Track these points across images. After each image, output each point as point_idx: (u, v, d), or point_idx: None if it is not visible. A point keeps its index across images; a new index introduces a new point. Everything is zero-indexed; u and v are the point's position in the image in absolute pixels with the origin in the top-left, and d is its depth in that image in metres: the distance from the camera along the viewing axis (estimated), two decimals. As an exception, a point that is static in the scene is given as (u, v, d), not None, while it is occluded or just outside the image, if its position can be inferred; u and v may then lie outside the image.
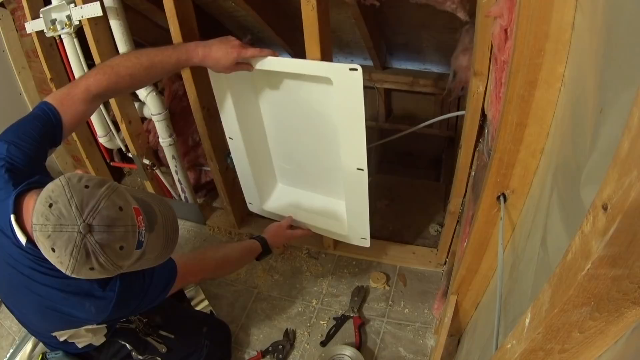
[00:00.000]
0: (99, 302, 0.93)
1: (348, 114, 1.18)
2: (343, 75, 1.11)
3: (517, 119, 0.74)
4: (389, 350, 1.48)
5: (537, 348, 0.47)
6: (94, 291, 0.92)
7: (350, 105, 1.15)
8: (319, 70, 1.17)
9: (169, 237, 0.90)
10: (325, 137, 1.34)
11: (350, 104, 1.15)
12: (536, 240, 0.70)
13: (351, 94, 1.13)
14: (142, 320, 1.21)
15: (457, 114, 1.84)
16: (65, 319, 0.95)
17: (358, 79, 1.10)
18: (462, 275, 1.15)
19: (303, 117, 1.37)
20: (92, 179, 0.82)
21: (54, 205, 0.76)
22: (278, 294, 1.71)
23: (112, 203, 0.80)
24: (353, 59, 2.33)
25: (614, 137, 0.36)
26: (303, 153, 1.50)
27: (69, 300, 0.92)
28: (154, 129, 1.90)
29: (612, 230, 0.33)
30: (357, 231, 1.45)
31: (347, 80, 1.11)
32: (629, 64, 0.41)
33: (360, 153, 1.23)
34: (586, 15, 0.56)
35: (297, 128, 1.43)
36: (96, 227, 0.77)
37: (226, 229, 2.00)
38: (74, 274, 0.79)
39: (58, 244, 0.76)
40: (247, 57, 1.17)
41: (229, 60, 1.15)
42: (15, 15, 1.91)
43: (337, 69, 1.12)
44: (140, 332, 1.20)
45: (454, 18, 1.43)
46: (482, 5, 0.93)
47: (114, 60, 1.11)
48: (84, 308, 0.93)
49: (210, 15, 2.16)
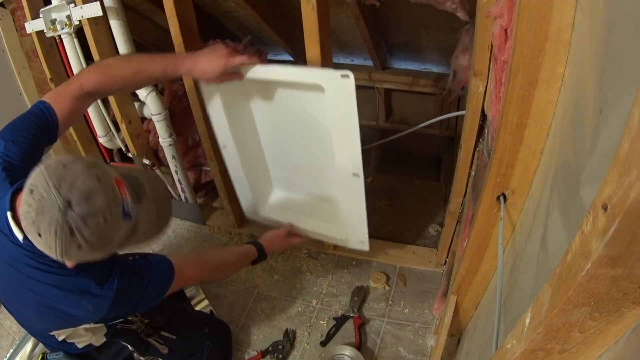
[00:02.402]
0: (96, 300, 0.93)
1: (341, 120, 1.16)
2: (334, 82, 1.09)
3: (517, 119, 0.74)
4: (389, 350, 1.48)
5: (537, 348, 0.47)
6: (92, 289, 0.92)
7: (343, 111, 1.13)
8: (310, 78, 1.15)
9: (160, 207, 0.90)
10: (319, 144, 1.32)
11: (343, 110, 1.13)
12: (536, 240, 0.70)
13: (343, 100, 1.10)
14: (144, 321, 1.21)
15: (457, 114, 1.84)
16: (63, 317, 0.95)
17: (350, 86, 1.07)
18: (462, 275, 1.15)
19: (296, 124, 1.36)
20: (69, 158, 0.82)
21: (35, 191, 0.76)
22: (278, 294, 1.71)
23: (90, 175, 0.79)
24: (353, 59, 2.33)
25: (614, 137, 0.36)
26: (298, 159, 1.48)
27: (66, 298, 0.91)
28: (154, 129, 1.90)
29: (612, 230, 0.33)
30: (355, 235, 1.44)
31: (339, 87, 1.09)
32: (629, 64, 0.41)
33: (355, 159, 1.21)
34: (586, 15, 0.56)
35: (291, 135, 1.41)
36: (75, 201, 0.76)
37: (226, 229, 2.00)
38: (64, 256, 0.78)
39: (42, 227, 0.76)
40: (235, 66, 1.15)
41: (217, 71, 1.13)
42: (15, 15, 1.91)
43: (328, 76, 1.10)
44: (141, 332, 1.20)
45: (454, 18, 1.43)
46: (482, 5, 0.93)
47: (109, 60, 1.14)
48: (81, 306, 0.92)
49: (210, 15, 2.16)
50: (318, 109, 1.24)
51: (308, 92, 1.23)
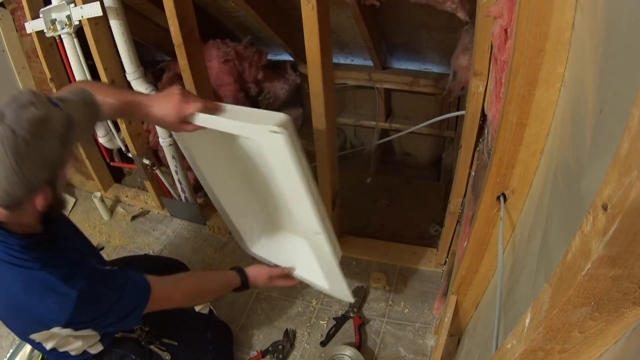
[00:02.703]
0: (60, 299, 0.92)
1: (285, 178, 1.03)
2: (265, 137, 0.95)
3: (517, 119, 0.74)
4: (389, 350, 1.48)
5: (537, 348, 0.47)
6: (56, 286, 0.91)
7: (283, 169, 0.99)
8: (241, 131, 1.03)
9: (86, 100, 0.94)
10: (282, 195, 1.18)
11: (282, 168, 0.99)
12: (536, 240, 0.70)
13: (279, 158, 0.97)
14: (144, 329, 1.20)
15: (457, 114, 1.84)
16: (30, 316, 0.93)
17: (281, 142, 0.93)
18: (462, 275, 1.15)
19: (259, 173, 1.25)
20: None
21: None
22: (278, 294, 1.71)
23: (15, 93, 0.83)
24: (353, 59, 2.33)
25: (614, 137, 0.36)
26: (273, 206, 1.38)
27: (31, 295, 0.90)
28: (154, 129, 1.90)
29: (612, 230, 0.33)
30: (336, 287, 1.32)
31: (271, 144, 0.95)
32: (628, 64, 0.41)
33: (309, 217, 1.07)
34: (586, 15, 0.56)
35: (257, 184, 1.31)
36: (6, 109, 0.78)
37: (226, 229, 1.99)
38: (20, 161, 0.78)
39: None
40: (190, 114, 1.05)
41: (172, 121, 1.04)
42: (15, 15, 1.91)
43: (256, 131, 0.96)
44: (142, 340, 1.19)
45: (454, 18, 1.43)
46: (482, 5, 0.93)
47: (95, 83, 1.15)
48: (45, 304, 0.91)
49: (210, 15, 2.16)
50: (268, 162, 1.09)
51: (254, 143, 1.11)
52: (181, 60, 1.45)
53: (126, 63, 1.60)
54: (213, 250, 1.93)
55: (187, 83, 1.52)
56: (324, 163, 1.50)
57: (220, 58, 2.03)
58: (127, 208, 2.22)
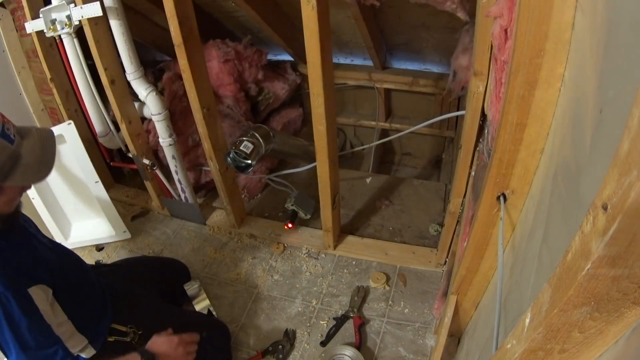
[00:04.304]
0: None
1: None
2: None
3: (517, 119, 0.74)
4: (389, 350, 1.48)
5: (537, 348, 0.47)
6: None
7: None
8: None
9: (45, 143, 0.98)
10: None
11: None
12: (536, 240, 0.70)
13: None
14: (137, 332, 1.21)
15: (457, 114, 1.84)
16: None
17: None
18: (462, 275, 1.15)
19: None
20: None
21: None
22: (278, 294, 1.71)
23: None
24: (353, 59, 2.33)
25: (614, 137, 0.36)
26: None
27: None
28: (154, 129, 1.90)
29: (612, 230, 0.33)
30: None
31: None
32: (629, 63, 0.41)
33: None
34: (586, 15, 0.56)
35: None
36: None
37: (226, 229, 2.00)
38: None
39: None
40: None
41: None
42: (15, 15, 1.91)
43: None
44: (136, 344, 1.20)
45: (454, 18, 1.43)
46: (482, 5, 0.93)
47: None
48: None
49: (210, 15, 2.17)
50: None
51: None
52: (181, 60, 1.44)
53: (126, 63, 1.60)
54: (213, 250, 1.93)
55: (187, 83, 1.51)
56: (324, 163, 1.50)
57: (220, 58, 2.03)
58: (127, 208, 2.22)
